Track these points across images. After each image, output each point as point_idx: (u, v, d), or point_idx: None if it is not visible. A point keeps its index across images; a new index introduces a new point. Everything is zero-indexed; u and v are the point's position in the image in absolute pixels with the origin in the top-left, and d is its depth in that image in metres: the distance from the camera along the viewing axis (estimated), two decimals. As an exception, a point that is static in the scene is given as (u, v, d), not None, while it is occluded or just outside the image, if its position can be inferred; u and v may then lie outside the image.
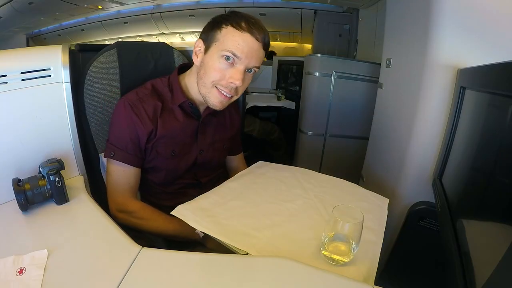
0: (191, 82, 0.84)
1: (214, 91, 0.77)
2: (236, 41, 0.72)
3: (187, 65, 0.90)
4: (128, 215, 0.82)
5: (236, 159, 1.12)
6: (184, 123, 0.86)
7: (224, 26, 0.73)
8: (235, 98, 0.81)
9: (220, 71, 0.74)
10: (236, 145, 1.08)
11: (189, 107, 0.85)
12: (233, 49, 0.72)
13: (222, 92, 0.77)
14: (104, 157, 0.86)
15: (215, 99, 0.78)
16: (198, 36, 0.81)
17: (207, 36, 0.77)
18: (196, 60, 0.80)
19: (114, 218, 0.81)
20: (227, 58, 0.73)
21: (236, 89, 0.77)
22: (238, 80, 0.74)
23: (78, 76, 0.89)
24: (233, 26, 0.72)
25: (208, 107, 0.86)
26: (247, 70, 0.76)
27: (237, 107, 1.04)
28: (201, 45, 0.78)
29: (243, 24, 0.72)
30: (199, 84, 0.80)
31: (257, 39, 0.73)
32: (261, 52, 0.76)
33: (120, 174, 0.83)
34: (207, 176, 0.97)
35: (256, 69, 0.78)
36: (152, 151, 0.84)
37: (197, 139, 0.90)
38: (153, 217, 0.82)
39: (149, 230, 0.82)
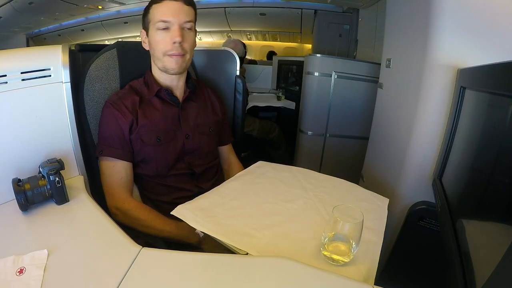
0: (155, 70, 0.92)
1: (167, 58, 0.85)
2: (161, 11, 0.82)
3: None
4: (125, 212, 0.83)
5: (225, 150, 1.13)
6: (163, 110, 0.91)
7: (149, 7, 0.85)
8: (188, 57, 0.88)
9: (162, 41, 0.83)
10: (224, 134, 1.11)
11: (166, 94, 0.91)
12: (161, 17, 0.82)
13: (172, 54, 0.84)
14: (96, 156, 0.89)
15: (171, 63, 0.86)
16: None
17: (143, 23, 0.88)
18: (146, 46, 0.89)
19: (113, 215, 0.83)
20: (163, 28, 0.82)
21: (181, 46, 0.84)
22: (177, 37, 0.81)
23: (78, 76, 0.89)
24: (154, 3, 0.83)
25: (184, 92, 0.95)
26: (185, 28, 0.84)
27: (217, 94, 1.09)
28: (143, 33, 0.89)
29: None
30: (156, 63, 0.88)
31: (175, 0, 0.82)
32: (186, 8, 0.84)
33: (111, 170, 0.86)
34: (201, 165, 0.98)
35: (191, 24, 0.85)
36: (137, 140, 0.87)
37: (181, 124, 0.93)
38: (150, 217, 0.84)
39: (145, 231, 0.83)
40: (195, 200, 0.75)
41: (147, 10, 0.86)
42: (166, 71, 0.88)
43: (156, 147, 0.89)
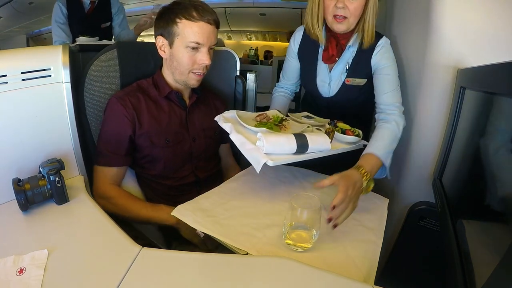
0: (167, 74, 0.93)
1: (191, 75, 0.88)
2: (195, 32, 0.82)
3: None
4: (108, 200, 0.84)
5: (224, 148, 1.13)
6: (170, 113, 0.92)
7: (178, 20, 0.81)
8: (206, 73, 0.91)
9: (190, 58, 0.85)
10: (224, 133, 1.10)
11: (175, 96, 0.93)
12: (195, 39, 0.82)
13: (197, 73, 0.88)
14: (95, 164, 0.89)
15: (193, 80, 0.90)
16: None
17: (165, 31, 0.84)
18: (163, 54, 0.88)
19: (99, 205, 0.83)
20: (193, 47, 0.83)
21: (206, 66, 0.89)
22: (207, 60, 0.85)
23: (78, 76, 0.89)
24: (186, 19, 0.81)
25: (191, 96, 0.97)
26: (210, 49, 0.87)
27: (222, 100, 1.10)
28: (163, 41, 0.86)
29: (194, 14, 0.81)
30: (175, 74, 0.90)
31: (210, 23, 0.83)
32: (216, 31, 0.86)
33: (103, 169, 0.87)
34: (205, 170, 1.00)
35: (214, 46, 0.88)
36: (147, 141, 0.88)
37: (188, 128, 0.94)
38: (128, 202, 0.85)
39: (125, 215, 0.84)
40: (195, 200, 0.75)
41: (173, 20, 0.82)
42: (185, 85, 0.91)
43: (164, 148, 0.90)
